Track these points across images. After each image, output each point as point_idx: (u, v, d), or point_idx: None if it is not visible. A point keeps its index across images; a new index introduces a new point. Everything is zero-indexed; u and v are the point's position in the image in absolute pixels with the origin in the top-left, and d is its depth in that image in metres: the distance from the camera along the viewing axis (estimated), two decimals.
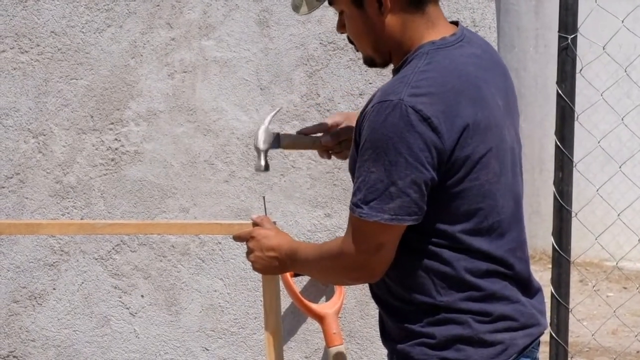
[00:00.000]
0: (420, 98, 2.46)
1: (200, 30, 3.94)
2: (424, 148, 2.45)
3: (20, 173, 4.02)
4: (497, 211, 2.58)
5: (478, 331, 2.54)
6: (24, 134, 4.01)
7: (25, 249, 4.05)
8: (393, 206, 2.48)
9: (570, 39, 3.87)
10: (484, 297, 2.56)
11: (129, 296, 4.04)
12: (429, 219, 2.53)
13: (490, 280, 2.57)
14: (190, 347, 4.03)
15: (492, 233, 2.58)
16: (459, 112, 2.49)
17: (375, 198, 2.49)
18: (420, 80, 2.51)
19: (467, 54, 2.62)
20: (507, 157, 2.62)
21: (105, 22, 3.95)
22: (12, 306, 4.07)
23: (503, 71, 2.74)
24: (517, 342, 2.57)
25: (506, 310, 2.58)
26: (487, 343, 2.54)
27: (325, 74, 3.91)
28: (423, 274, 2.57)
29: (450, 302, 2.55)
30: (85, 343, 4.06)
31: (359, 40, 2.67)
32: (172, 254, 4.01)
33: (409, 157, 2.45)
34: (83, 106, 3.99)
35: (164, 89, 3.96)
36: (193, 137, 3.97)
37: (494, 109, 2.58)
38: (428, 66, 2.54)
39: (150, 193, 4.00)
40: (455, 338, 2.54)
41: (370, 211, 2.49)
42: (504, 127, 2.62)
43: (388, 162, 2.47)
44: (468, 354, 2.54)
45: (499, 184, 2.58)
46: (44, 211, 4.02)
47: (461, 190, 2.52)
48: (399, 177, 2.46)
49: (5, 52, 3.99)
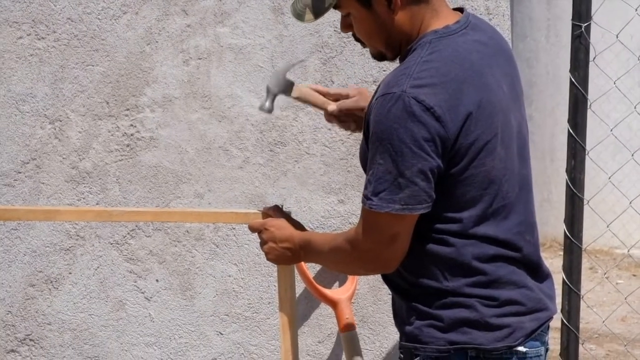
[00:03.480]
0: (422, 89, 2.49)
1: (216, 17, 3.93)
2: (428, 137, 2.47)
3: (36, 158, 4.03)
4: (502, 196, 2.59)
5: (484, 315, 2.57)
6: (41, 119, 4.01)
7: (42, 234, 4.06)
8: (403, 196, 2.50)
9: (584, 27, 3.86)
10: (490, 282, 2.59)
11: (144, 281, 4.05)
12: (436, 206, 2.55)
13: (497, 265, 2.59)
14: (205, 331, 4.04)
15: (498, 217, 2.60)
16: (462, 101, 2.51)
17: (385, 189, 2.51)
18: (423, 71, 2.53)
19: (471, 40, 2.63)
20: (512, 141, 2.63)
21: (121, 9, 3.95)
22: (28, 290, 4.08)
23: (508, 56, 2.75)
24: (525, 325, 2.60)
25: (513, 295, 2.60)
26: (494, 326, 2.57)
27: (339, 61, 3.90)
28: (430, 259, 2.60)
29: (457, 287, 2.58)
30: (101, 327, 4.07)
31: (370, 38, 2.70)
32: (186, 239, 4.01)
33: (414, 147, 2.48)
34: (99, 92, 3.99)
35: (179, 76, 3.96)
36: (208, 124, 3.97)
37: (498, 95, 2.60)
38: (430, 56, 2.56)
39: (165, 179, 4.00)
40: (462, 321, 2.57)
41: (381, 202, 2.52)
42: (509, 111, 2.63)
43: (394, 153, 2.49)
44: (474, 337, 2.57)
45: (504, 170, 2.59)
46: (60, 196, 4.02)
47: (467, 177, 2.54)
48: (406, 167, 2.48)
49: (22, 38, 3.99)
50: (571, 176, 3.91)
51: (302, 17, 2.73)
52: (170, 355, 4.06)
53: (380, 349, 3.98)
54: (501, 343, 2.56)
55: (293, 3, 2.74)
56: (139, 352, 4.07)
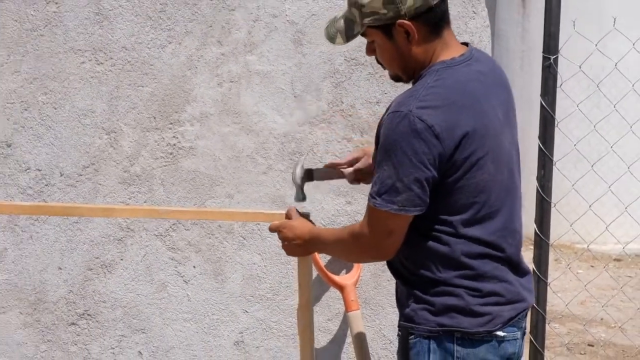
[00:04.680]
0: (426, 110, 2.49)
1: (245, 47, 3.93)
2: (427, 152, 2.48)
3: (95, 163, 4.02)
4: (490, 204, 2.59)
5: (470, 303, 2.58)
6: (99, 131, 4.01)
7: (98, 226, 4.06)
8: (400, 199, 2.52)
9: (552, 59, 3.88)
10: (476, 276, 2.59)
11: (183, 266, 4.04)
12: (434, 210, 2.57)
13: (483, 262, 2.60)
14: (233, 309, 4.04)
15: (485, 222, 2.59)
16: (460, 122, 2.51)
17: (386, 191, 2.53)
18: (428, 95, 2.53)
19: (473, 71, 2.62)
20: (503, 159, 2.62)
21: (167, 40, 3.95)
22: (87, 273, 4.09)
23: (505, 87, 2.73)
24: (503, 314, 2.60)
25: (495, 287, 2.61)
26: (477, 313, 2.58)
27: (348, 85, 3.90)
28: (427, 253, 2.61)
29: (448, 278, 2.59)
30: (147, 305, 4.07)
31: (389, 63, 2.69)
32: (219, 232, 4.01)
33: (414, 159, 2.49)
34: (147, 109, 3.98)
35: (214, 96, 3.96)
36: (237, 136, 3.96)
37: (492, 120, 2.59)
38: (436, 82, 2.56)
39: (202, 182, 3.99)
40: (450, 307, 2.58)
41: (382, 202, 2.53)
42: (501, 134, 2.62)
43: (397, 162, 2.50)
44: (460, 321, 2.58)
45: (493, 182, 2.59)
46: (114, 195, 4.02)
47: (460, 187, 2.55)
48: (405, 175, 2.50)
49: (85, 63, 3.99)
50: (541, 183, 3.94)
51: (334, 40, 2.73)
52: (203, 329, 4.06)
53: (380, 326, 3.97)
54: (482, 328, 2.57)
55: (327, 27, 2.74)
56: (177, 326, 4.07)
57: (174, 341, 4.07)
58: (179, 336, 4.06)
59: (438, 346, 2.59)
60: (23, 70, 4.00)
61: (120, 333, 4.09)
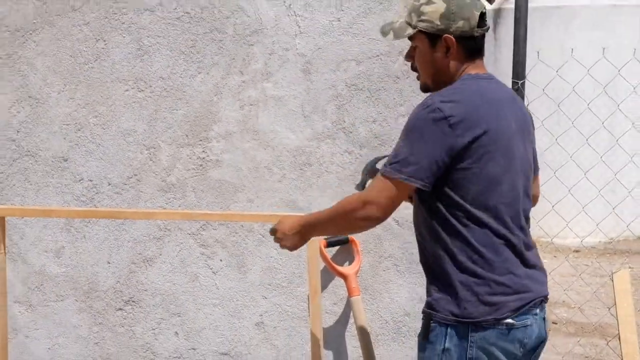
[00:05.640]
0: (447, 104, 2.44)
1: (262, 75, 3.92)
2: (440, 137, 2.41)
3: (137, 174, 4.04)
4: (499, 195, 2.48)
5: (479, 293, 2.46)
6: (140, 147, 4.03)
7: (141, 226, 4.07)
8: (408, 170, 2.43)
9: (520, 83, 3.88)
10: (487, 267, 2.47)
11: (211, 260, 4.04)
12: (450, 195, 2.47)
13: (494, 253, 2.48)
14: (254, 296, 4.04)
15: (496, 213, 2.47)
16: (476, 119, 2.45)
17: (397, 162, 2.45)
18: (451, 94, 2.49)
19: (494, 87, 2.59)
20: (515, 159, 2.53)
21: (197, 70, 3.96)
22: (131, 266, 4.11)
23: (522, 109, 2.66)
24: (509, 304, 2.47)
25: (502, 279, 2.48)
26: (485, 303, 2.46)
27: (349, 107, 3.87)
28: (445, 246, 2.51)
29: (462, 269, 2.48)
30: (181, 292, 4.08)
31: (424, 69, 2.62)
32: (241, 231, 4.00)
33: (428, 140, 2.42)
34: (181, 128, 3.99)
35: (237, 117, 3.95)
36: (256, 150, 3.96)
37: (504, 126, 2.52)
38: (460, 86, 2.53)
39: (227, 189, 3.99)
40: (463, 298, 2.47)
41: (392, 170, 2.45)
42: (513, 139, 2.54)
43: (413, 140, 2.44)
44: (469, 311, 2.46)
45: (504, 176, 2.49)
46: (153, 201, 4.03)
47: (472, 174, 2.45)
48: (417, 151, 2.42)
49: (128, 90, 4.00)
50: None
51: (386, 35, 2.66)
52: (229, 312, 4.05)
53: (377, 309, 3.94)
54: (490, 316, 2.46)
55: (383, 26, 2.69)
56: (207, 310, 4.07)
57: (205, 323, 4.07)
58: (208, 319, 4.07)
59: (454, 331, 2.48)
60: (77, 97, 4.03)
61: (160, 316, 4.10)
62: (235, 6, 3.90)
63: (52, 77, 4.03)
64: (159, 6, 3.94)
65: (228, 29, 3.91)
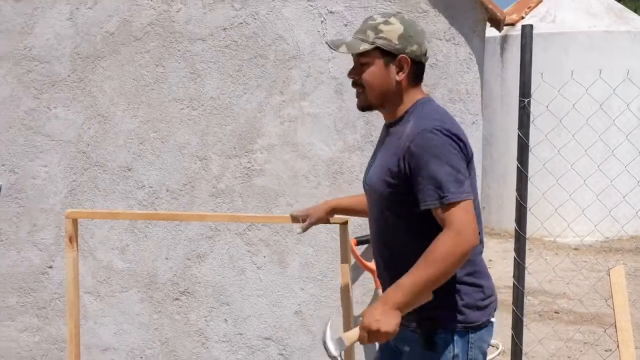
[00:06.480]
0: (446, 124, 2.23)
1: (300, 95, 3.93)
2: (458, 153, 2.20)
3: (191, 182, 4.05)
4: (477, 206, 2.32)
5: (475, 299, 2.33)
6: (194, 158, 4.03)
7: (195, 227, 4.08)
8: (465, 187, 2.18)
9: (526, 101, 3.84)
10: (476, 273, 2.35)
11: (256, 257, 4.05)
12: None
13: (479, 259, 2.38)
14: (293, 288, 4.04)
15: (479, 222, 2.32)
16: (467, 140, 2.29)
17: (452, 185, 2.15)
18: (440, 118, 2.26)
19: None
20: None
21: (243, 91, 3.96)
22: (186, 262, 4.11)
23: None
24: (493, 304, 2.40)
25: (487, 283, 2.38)
26: (480, 307, 2.35)
27: (376, 122, 3.87)
28: None
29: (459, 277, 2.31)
30: (230, 284, 4.08)
31: (372, 86, 2.37)
32: (282, 231, 4.01)
33: (458, 154, 2.20)
34: (229, 142, 4.00)
35: (278, 132, 3.96)
36: (295, 161, 3.96)
37: None
38: (436, 108, 2.33)
39: (270, 194, 3.99)
40: (462, 305, 2.32)
41: (456, 193, 2.15)
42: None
43: (449, 159, 2.17)
44: (468, 317, 2.32)
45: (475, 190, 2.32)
46: (205, 205, 4.03)
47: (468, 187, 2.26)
48: (460, 166, 2.18)
49: (183, 109, 4.02)
50: (519, 193, 3.83)
51: (338, 48, 2.36)
52: (271, 302, 4.05)
53: None
54: (484, 318, 2.36)
55: (333, 40, 2.40)
56: (252, 301, 4.06)
57: (250, 311, 4.07)
58: (253, 308, 4.07)
59: (459, 337, 2.31)
60: (139, 115, 4.05)
61: (211, 305, 4.10)
62: (276, 35, 3.92)
63: (117, 98, 4.07)
64: (210, 36, 3.97)
65: (270, 55, 3.93)
